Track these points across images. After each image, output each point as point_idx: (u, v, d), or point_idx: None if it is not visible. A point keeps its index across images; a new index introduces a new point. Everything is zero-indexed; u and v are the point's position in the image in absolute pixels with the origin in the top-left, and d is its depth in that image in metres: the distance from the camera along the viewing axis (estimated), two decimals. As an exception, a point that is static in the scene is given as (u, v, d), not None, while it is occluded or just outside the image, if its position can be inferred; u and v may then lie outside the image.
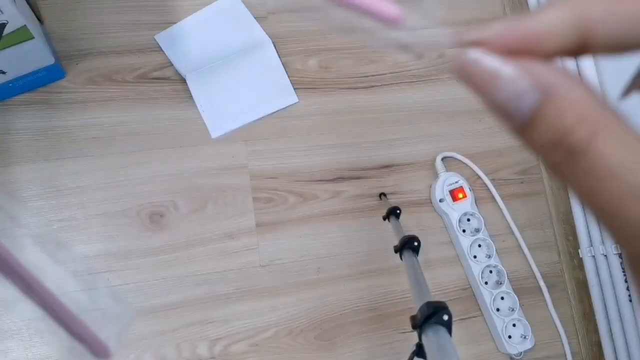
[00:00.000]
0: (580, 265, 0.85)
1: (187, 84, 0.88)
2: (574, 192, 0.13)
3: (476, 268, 0.84)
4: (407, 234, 0.67)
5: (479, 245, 0.86)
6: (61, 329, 0.17)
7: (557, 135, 0.12)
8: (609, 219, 0.12)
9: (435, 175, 0.89)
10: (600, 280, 0.78)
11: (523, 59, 0.13)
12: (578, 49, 0.13)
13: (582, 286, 0.85)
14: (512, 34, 0.13)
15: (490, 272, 0.85)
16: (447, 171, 0.89)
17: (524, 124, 0.13)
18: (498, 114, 0.13)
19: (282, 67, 0.92)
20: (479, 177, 0.91)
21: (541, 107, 0.12)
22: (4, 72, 0.79)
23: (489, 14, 1.01)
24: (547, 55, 0.13)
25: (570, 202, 0.84)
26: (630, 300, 0.74)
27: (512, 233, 0.90)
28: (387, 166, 0.90)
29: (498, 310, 0.83)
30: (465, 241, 0.85)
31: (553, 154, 0.12)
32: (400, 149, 0.91)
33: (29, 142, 0.83)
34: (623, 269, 0.73)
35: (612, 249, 0.75)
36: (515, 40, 0.13)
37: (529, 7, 0.94)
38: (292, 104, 0.91)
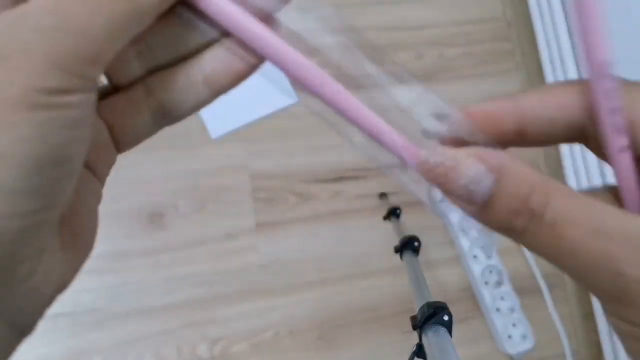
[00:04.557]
0: (580, 265, 0.85)
1: (187, 84, 0.88)
2: (540, 250, 0.15)
3: (476, 268, 0.84)
4: (407, 234, 0.67)
5: (479, 246, 0.86)
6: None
7: (518, 204, 0.14)
8: (576, 262, 0.14)
9: (435, 175, 0.89)
10: (600, 280, 0.78)
11: (471, 149, 0.15)
12: (517, 136, 0.16)
13: (582, 286, 0.85)
14: (472, 114, 0.16)
15: (490, 272, 0.85)
16: (447, 171, 0.89)
17: (484, 204, 0.15)
18: (460, 201, 0.15)
19: (282, 67, 0.92)
20: (479, 177, 0.91)
21: (498, 185, 0.14)
22: (3, 72, 0.79)
23: (489, 14, 1.01)
24: (495, 137, 0.16)
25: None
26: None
27: (512, 233, 0.90)
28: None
29: (498, 310, 0.83)
30: (465, 241, 0.85)
31: (516, 221, 0.15)
32: (400, 149, 0.91)
33: (28, 142, 0.83)
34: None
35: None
36: (475, 117, 0.16)
37: (529, 6, 0.94)
38: (292, 104, 0.91)
